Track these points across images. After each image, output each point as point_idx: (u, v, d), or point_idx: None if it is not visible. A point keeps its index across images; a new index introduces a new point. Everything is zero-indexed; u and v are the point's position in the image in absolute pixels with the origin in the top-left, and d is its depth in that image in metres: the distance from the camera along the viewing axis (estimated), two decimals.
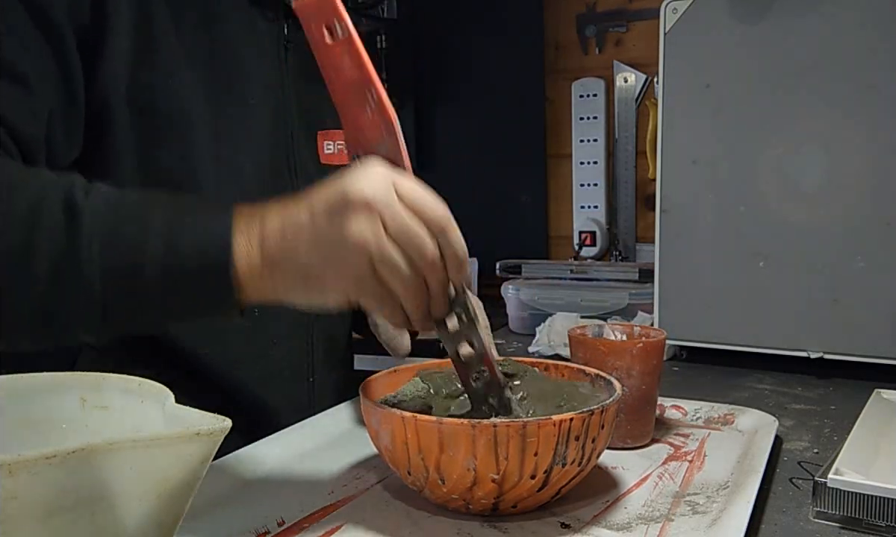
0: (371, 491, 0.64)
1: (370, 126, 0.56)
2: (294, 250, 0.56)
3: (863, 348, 1.02)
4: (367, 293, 0.55)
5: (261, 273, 0.56)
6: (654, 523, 0.56)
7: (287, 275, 0.56)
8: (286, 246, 0.56)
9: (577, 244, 1.74)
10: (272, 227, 0.57)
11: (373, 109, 0.56)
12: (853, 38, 1.01)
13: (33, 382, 0.45)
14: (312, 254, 0.55)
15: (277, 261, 0.56)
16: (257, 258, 0.56)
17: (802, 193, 1.05)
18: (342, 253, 0.54)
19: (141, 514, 0.35)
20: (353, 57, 0.55)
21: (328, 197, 0.55)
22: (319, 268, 0.55)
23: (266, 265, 0.56)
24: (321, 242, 0.55)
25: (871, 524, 0.57)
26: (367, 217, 0.53)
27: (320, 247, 0.55)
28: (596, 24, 1.73)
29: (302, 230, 0.56)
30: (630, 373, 0.72)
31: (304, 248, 0.55)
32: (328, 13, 0.55)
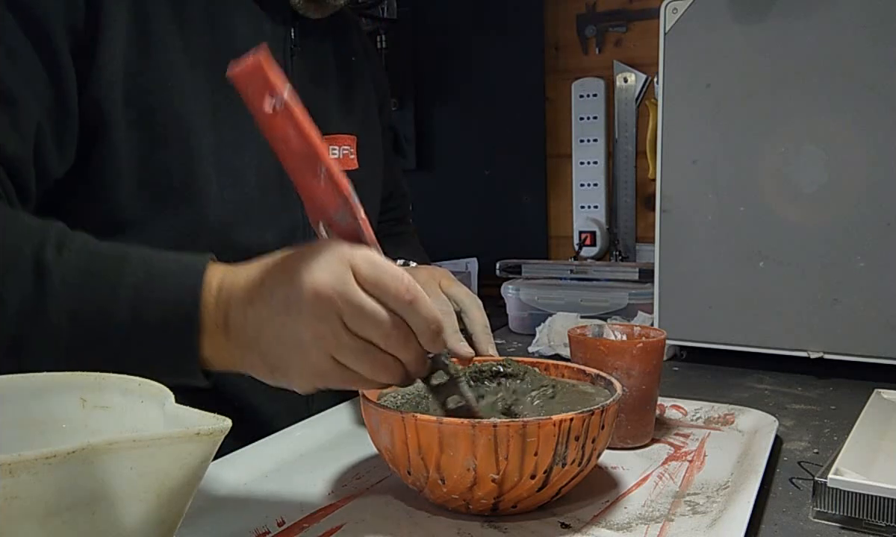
0: (371, 491, 0.64)
1: (325, 197, 0.54)
2: (256, 340, 0.55)
3: (863, 348, 1.02)
4: (333, 381, 0.55)
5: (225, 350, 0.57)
6: (654, 523, 0.56)
7: (252, 360, 0.56)
8: (249, 335, 0.56)
9: (577, 244, 1.74)
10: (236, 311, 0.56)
11: (325, 182, 0.53)
12: (853, 38, 1.01)
13: (33, 382, 0.45)
14: (273, 348, 0.55)
15: (242, 345, 0.56)
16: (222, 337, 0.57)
17: (802, 193, 1.05)
18: (301, 351, 0.53)
19: (141, 514, 0.35)
20: (296, 128, 0.52)
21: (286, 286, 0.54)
22: (283, 364, 0.55)
23: (232, 345, 0.57)
24: (281, 338, 0.54)
25: (871, 524, 0.57)
26: (322, 312, 0.52)
27: (280, 343, 0.54)
28: (596, 24, 1.73)
29: (262, 320, 0.55)
30: (630, 373, 0.72)
31: (265, 341, 0.55)
32: (262, 84, 0.51)
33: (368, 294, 0.53)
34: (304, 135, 0.52)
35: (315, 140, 0.53)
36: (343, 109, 0.91)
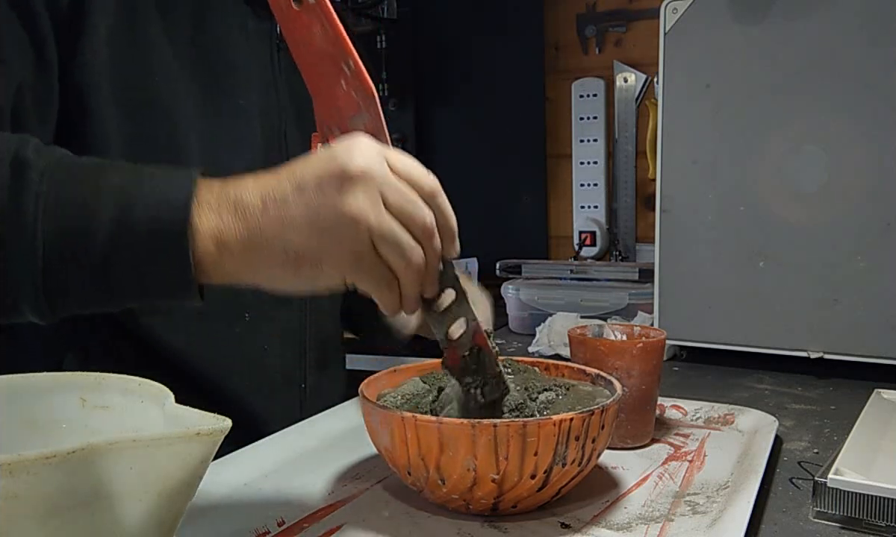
0: (371, 491, 0.63)
1: (346, 98, 0.52)
2: (282, 228, 0.51)
3: (863, 348, 1.02)
4: (365, 272, 0.52)
5: (230, 249, 0.51)
6: (654, 523, 0.56)
7: (272, 256, 0.51)
8: (269, 222, 0.51)
9: (577, 244, 1.74)
10: (249, 201, 0.52)
11: (349, 80, 0.52)
12: (853, 38, 1.01)
13: (33, 382, 0.45)
14: (304, 231, 0.51)
15: (256, 236, 0.51)
16: (226, 230, 0.51)
17: (802, 193, 1.05)
18: (340, 229, 0.50)
19: (141, 514, 0.35)
20: (325, 24, 0.50)
21: (318, 169, 0.51)
22: (313, 248, 0.51)
23: (242, 243, 0.51)
24: (314, 218, 0.50)
25: (871, 524, 0.57)
26: (364, 190, 0.50)
27: (313, 224, 0.51)
28: (596, 24, 1.73)
29: (288, 205, 0.51)
30: (630, 373, 0.72)
31: (293, 225, 0.51)
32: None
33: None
34: (333, 29, 0.51)
35: (344, 35, 0.51)
36: None
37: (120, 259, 0.51)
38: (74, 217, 0.51)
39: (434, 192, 0.54)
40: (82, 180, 0.53)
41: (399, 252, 0.52)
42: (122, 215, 0.51)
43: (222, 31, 0.77)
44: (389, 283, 0.54)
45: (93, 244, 0.51)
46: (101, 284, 0.52)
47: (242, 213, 0.52)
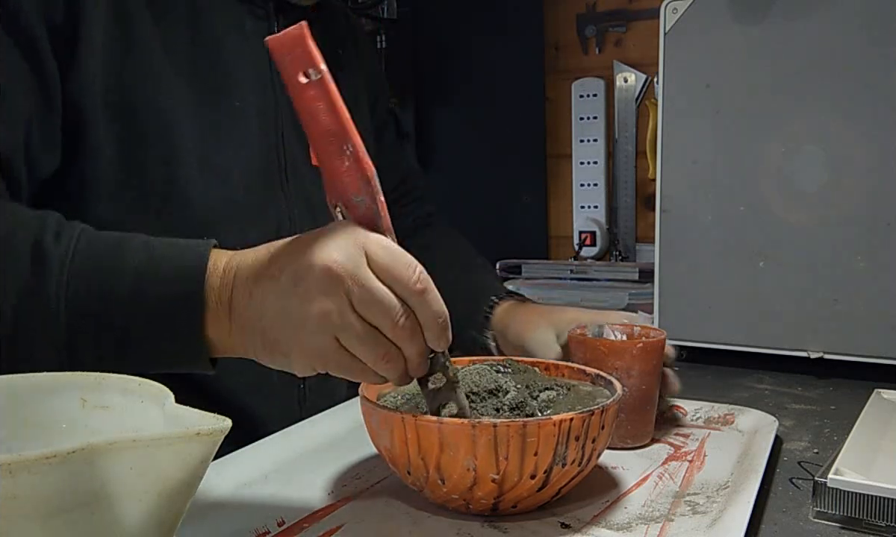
0: (371, 491, 0.63)
1: (347, 177, 0.54)
2: (259, 318, 0.54)
3: (863, 348, 1.02)
4: (332, 365, 0.54)
5: (228, 332, 0.56)
6: (654, 523, 0.56)
7: (254, 339, 0.56)
8: (253, 313, 0.55)
9: (577, 244, 1.74)
10: (243, 285, 0.56)
11: (349, 161, 0.53)
12: (853, 38, 1.01)
13: (33, 382, 0.45)
14: (277, 325, 0.54)
15: (244, 325, 0.56)
16: (225, 318, 0.56)
17: (802, 193, 1.05)
18: (305, 329, 0.52)
19: (141, 514, 0.35)
20: (328, 103, 0.52)
21: (297, 262, 0.53)
22: (284, 342, 0.54)
23: (234, 326, 0.56)
24: (286, 314, 0.53)
25: (871, 524, 0.57)
26: (331, 290, 0.51)
27: (285, 320, 0.53)
28: (596, 24, 1.73)
29: (268, 296, 0.54)
30: (630, 373, 0.72)
31: (269, 317, 0.54)
32: (301, 54, 0.51)
33: (380, 279, 0.52)
34: (335, 111, 0.52)
35: (345, 116, 0.53)
36: None
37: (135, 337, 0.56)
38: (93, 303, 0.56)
39: (417, 288, 0.52)
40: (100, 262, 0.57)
41: (366, 348, 0.53)
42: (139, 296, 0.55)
43: (218, 32, 0.76)
44: (361, 371, 0.55)
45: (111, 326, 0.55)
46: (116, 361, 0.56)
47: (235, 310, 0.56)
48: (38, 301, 0.55)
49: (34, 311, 0.55)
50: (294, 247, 0.55)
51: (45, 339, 0.56)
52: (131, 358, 0.57)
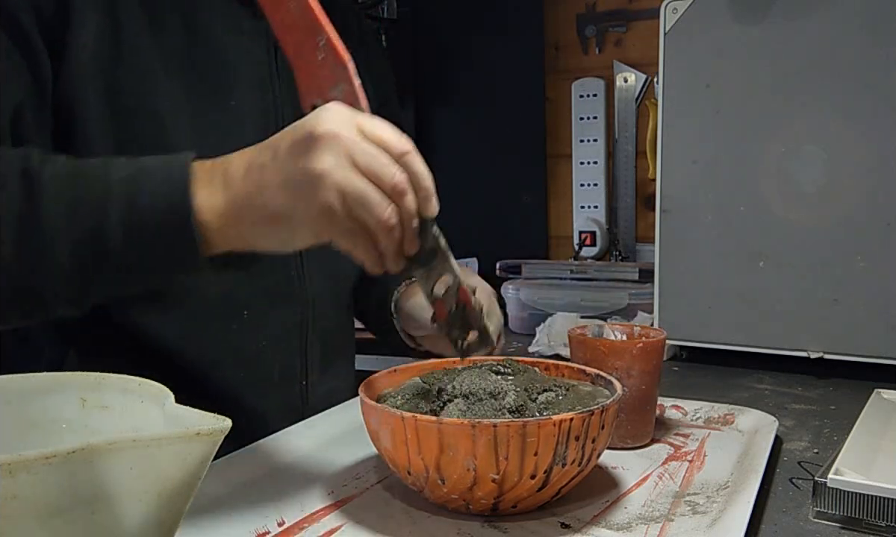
0: (371, 491, 0.64)
1: (323, 70, 0.56)
2: (259, 190, 0.55)
3: (863, 348, 1.02)
4: (337, 228, 0.55)
5: (225, 217, 0.56)
6: (654, 523, 0.56)
7: (253, 216, 0.55)
8: (250, 186, 0.55)
9: (577, 244, 1.74)
10: (235, 171, 0.56)
11: (324, 53, 0.55)
12: (853, 38, 1.01)
13: (33, 382, 0.45)
14: (279, 192, 0.54)
15: (242, 202, 0.55)
16: (220, 202, 0.56)
17: (802, 193, 1.05)
18: (310, 187, 0.53)
19: (141, 514, 0.35)
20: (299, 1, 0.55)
21: (292, 135, 0.55)
22: (287, 206, 0.54)
23: (230, 208, 0.56)
24: (287, 179, 0.54)
25: (871, 524, 0.57)
26: (332, 150, 0.53)
27: (287, 185, 0.54)
28: (596, 24, 1.73)
29: (266, 169, 0.55)
30: (630, 373, 0.72)
31: (269, 187, 0.55)
32: None
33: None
34: (306, 6, 0.55)
35: (316, 9, 0.55)
36: None
37: (136, 246, 0.56)
38: (88, 216, 0.55)
39: (405, 152, 0.55)
40: (90, 180, 0.57)
41: (368, 209, 0.54)
42: (131, 206, 0.55)
43: (215, 32, 0.76)
44: (364, 241, 0.56)
45: (110, 237, 0.55)
46: (123, 270, 0.57)
47: (230, 182, 0.56)
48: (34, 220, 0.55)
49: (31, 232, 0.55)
50: (285, 131, 0.56)
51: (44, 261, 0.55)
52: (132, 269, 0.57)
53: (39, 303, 0.57)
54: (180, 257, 0.57)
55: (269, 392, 0.82)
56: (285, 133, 0.56)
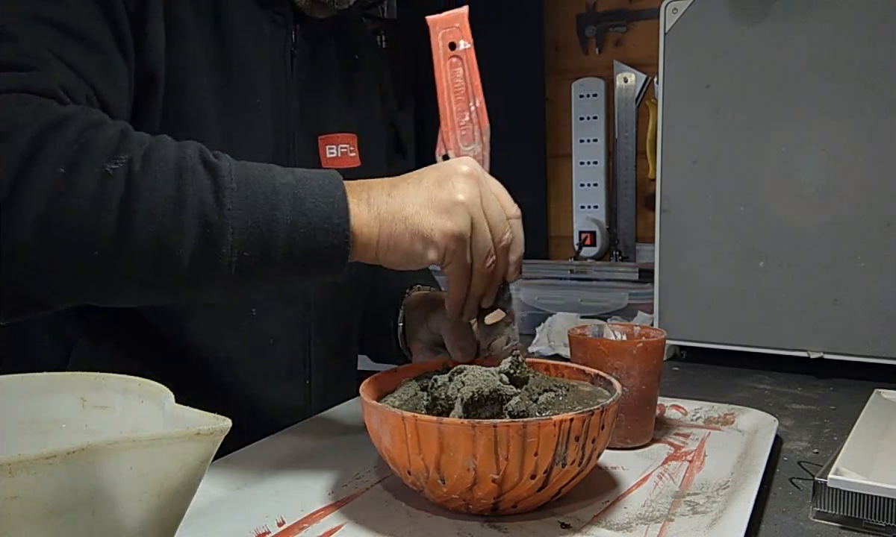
0: (371, 491, 0.64)
1: (466, 129, 0.69)
2: (403, 207, 0.62)
3: (863, 348, 1.02)
4: (459, 257, 0.62)
5: (370, 228, 0.62)
6: (654, 523, 0.56)
7: (394, 232, 0.61)
8: (396, 204, 0.62)
9: (577, 244, 1.74)
10: (379, 190, 0.63)
11: (472, 115, 0.70)
12: (853, 38, 1.01)
13: (33, 382, 0.45)
14: (422, 211, 0.61)
15: (387, 217, 0.62)
16: (366, 214, 0.62)
17: (802, 193, 1.05)
18: (451, 210, 0.61)
19: (141, 514, 0.35)
20: (467, 68, 0.70)
21: (435, 171, 0.64)
22: (429, 225, 0.61)
23: (376, 221, 0.62)
24: (431, 201, 0.62)
25: (871, 524, 0.57)
26: (471, 188, 0.62)
27: (430, 206, 0.62)
28: (596, 24, 1.73)
29: (409, 193, 0.62)
30: (630, 373, 0.72)
31: (414, 206, 0.62)
32: (457, 28, 0.70)
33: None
34: (471, 73, 0.71)
35: (478, 82, 0.71)
36: (343, 108, 0.91)
37: (297, 245, 0.60)
38: (261, 211, 0.59)
39: (516, 216, 0.65)
40: (260, 179, 0.60)
41: (484, 253, 0.63)
42: (298, 207, 0.60)
43: (241, 34, 0.78)
44: (466, 277, 0.64)
45: (277, 234, 0.59)
46: (280, 268, 0.60)
47: (375, 201, 0.63)
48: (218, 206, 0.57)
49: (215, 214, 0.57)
50: (427, 168, 0.65)
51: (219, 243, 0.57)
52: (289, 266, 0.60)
53: (198, 285, 0.59)
54: (330, 261, 0.61)
55: (273, 388, 0.83)
56: (427, 169, 0.65)
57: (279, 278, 0.62)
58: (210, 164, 0.59)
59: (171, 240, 0.56)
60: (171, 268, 0.57)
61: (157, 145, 0.58)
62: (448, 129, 0.69)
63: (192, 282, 0.58)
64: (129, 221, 0.55)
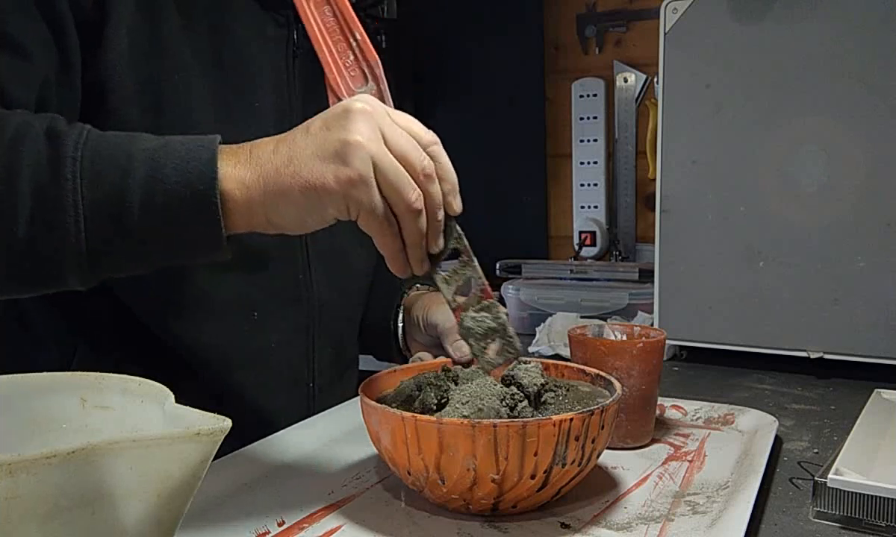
0: (371, 491, 0.64)
1: (353, 70, 0.60)
2: (289, 161, 0.55)
3: (863, 348, 1.02)
4: (366, 204, 0.54)
5: (252, 189, 0.55)
6: (654, 523, 0.57)
7: (282, 187, 0.55)
8: (280, 159, 0.55)
9: (577, 244, 1.74)
10: (263, 147, 0.56)
11: (355, 53, 0.61)
12: (853, 38, 1.01)
13: (33, 382, 0.45)
14: (311, 160, 0.54)
15: (271, 173, 0.55)
16: (247, 174, 0.55)
17: (802, 193, 1.05)
18: (344, 155, 0.54)
19: (141, 514, 0.35)
20: (334, 5, 0.61)
21: (324, 115, 0.56)
22: (320, 173, 0.54)
23: (258, 180, 0.55)
24: (321, 148, 0.54)
25: (871, 524, 0.57)
26: (367, 123, 0.54)
27: (320, 153, 0.54)
28: (596, 24, 1.73)
29: (297, 143, 0.55)
30: (630, 373, 0.72)
31: (301, 157, 0.55)
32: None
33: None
34: (344, 9, 0.62)
35: (350, 12, 0.62)
36: None
37: (155, 217, 0.54)
38: (110, 181, 0.54)
39: (432, 142, 0.57)
40: (115, 147, 0.56)
41: (398, 188, 0.55)
42: (155, 173, 0.54)
43: (240, 34, 0.78)
44: (390, 228, 0.56)
45: (130, 203, 0.54)
46: (139, 242, 0.55)
47: (257, 158, 0.56)
48: (55, 176, 0.54)
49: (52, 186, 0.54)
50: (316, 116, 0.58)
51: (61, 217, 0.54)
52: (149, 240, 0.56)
53: (50, 267, 0.55)
54: (200, 230, 0.55)
55: (276, 393, 0.82)
56: (317, 116, 0.57)
57: (148, 255, 0.57)
58: (55, 133, 0.55)
59: (2, 212, 0.53)
60: (6, 244, 0.53)
61: (2, 117, 0.56)
62: (334, 75, 0.61)
63: (38, 260, 0.55)
64: None
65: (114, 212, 0.54)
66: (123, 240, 0.55)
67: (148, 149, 0.56)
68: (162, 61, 0.71)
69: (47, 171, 0.53)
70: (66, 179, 0.53)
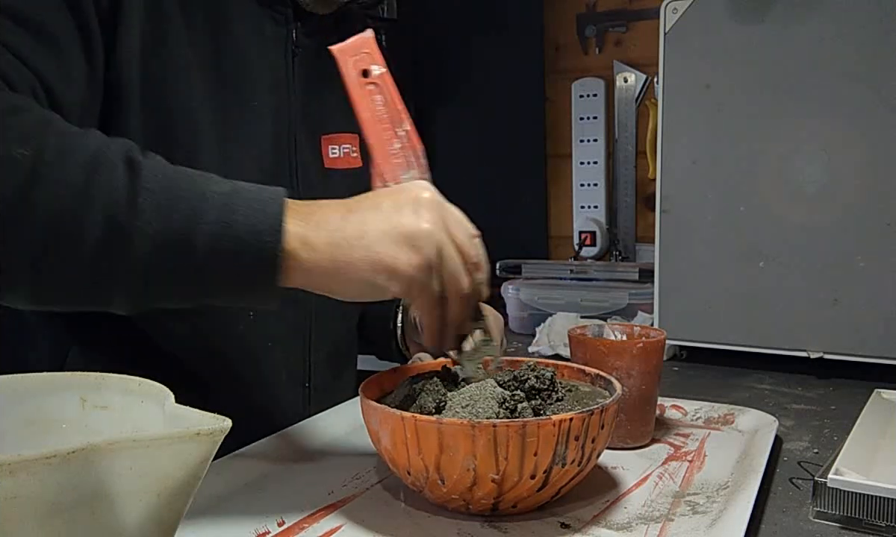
0: (371, 491, 0.64)
1: (399, 157, 0.63)
2: (363, 234, 0.57)
3: (863, 348, 1.02)
4: (428, 287, 0.58)
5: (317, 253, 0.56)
6: (654, 523, 0.57)
7: (351, 259, 0.56)
8: (352, 229, 0.57)
9: (577, 244, 1.74)
10: (330, 212, 0.58)
11: (401, 143, 0.63)
12: (853, 38, 1.01)
13: (33, 382, 0.45)
14: (384, 240, 0.57)
15: (340, 242, 0.56)
16: (313, 235, 0.56)
17: (802, 193, 1.05)
18: (416, 239, 0.57)
19: (141, 514, 0.35)
20: (386, 95, 0.63)
21: (393, 195, 0.59)
22: (392, 254, 0.56)
23: (326, 246, 0.56)
24: (394, 230, 0.57)
25: (871, 524, 0.57)
26: (435, 212, 0.58)
27: (392, 235, 0.57)
28: (596, 24, 1.73)
29: (368, 218, 0.57)
30: (630, 373, 0.72)
31: (374, 234, 0.57)
32: (366, 54, 0.64)
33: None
34: (392, 100, 0.64)
35: (400, 103, 0.64)
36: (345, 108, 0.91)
37: (219, 258, 0.55)
38: (182, 217, 0.55)
39: (477, 234, 0.62)
40: (189, 183, 0.56)
41: (457, 277, 0.59)
42: (226, 218, 0.55)
43: (239, 33, 0.78)
44: (440, 306, 0.60)
45: (197, 243, 0.55)
46: (196, 280, 0.56)
47: (326, 223, 0.57)
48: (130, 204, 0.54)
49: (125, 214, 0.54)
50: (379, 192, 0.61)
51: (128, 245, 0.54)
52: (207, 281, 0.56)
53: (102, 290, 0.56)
54: (259, 280, 0.56)
55: (273, 394, 0.82)
56: (380, 193, 0.60)
57: (199, 294, 0.58)
58: (133, 163, 0.55)
59: (69, 233, 0.53)
60: (66, 263, 0.54)
61: (77, 136, 0.56)
62: (380, 160, 0.63)
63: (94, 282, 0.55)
64: (27, 210, 0.52)
65: (180, 249, 0.54)
66: (181, 277, 0.56)
67: (221, 192, 0.56)
68: (165, 60, 0.72)
69: (124, 199, 0.54)
70: (141, 211, 0.54)
